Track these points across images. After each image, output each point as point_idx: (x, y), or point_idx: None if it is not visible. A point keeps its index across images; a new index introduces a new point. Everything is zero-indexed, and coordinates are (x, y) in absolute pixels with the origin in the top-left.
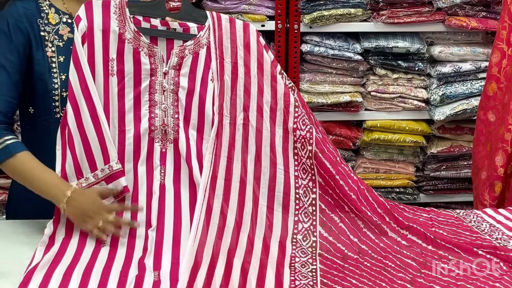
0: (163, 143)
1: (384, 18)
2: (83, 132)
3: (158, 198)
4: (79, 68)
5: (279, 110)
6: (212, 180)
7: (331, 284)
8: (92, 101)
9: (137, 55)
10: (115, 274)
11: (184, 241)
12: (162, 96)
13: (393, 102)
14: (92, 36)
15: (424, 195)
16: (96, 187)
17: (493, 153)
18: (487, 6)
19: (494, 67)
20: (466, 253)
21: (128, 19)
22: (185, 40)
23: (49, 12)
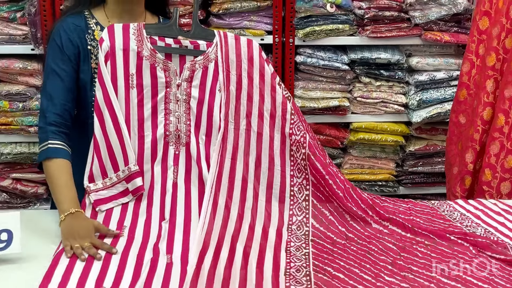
0: (176, 146)
1: (368, 33)
2: (107, 140)
3: (171, 194)
4: (103, 85)
5: (278, 117)
6: (218, 179)
7: (322, 266)
8: (114, 113)
9: (153, 70)
10: (132, 257)
11: (193, 230)
12: (176, 105)
13: (376, 106)
14: (114, 55)
15: (403, 188)
16: (97, 223)
17: (463, 151)
18: (458, 23)
19: (465, 76)
20: (440, 239)
21: (145, 39)
22: (196, 55)
23: (95, 29)
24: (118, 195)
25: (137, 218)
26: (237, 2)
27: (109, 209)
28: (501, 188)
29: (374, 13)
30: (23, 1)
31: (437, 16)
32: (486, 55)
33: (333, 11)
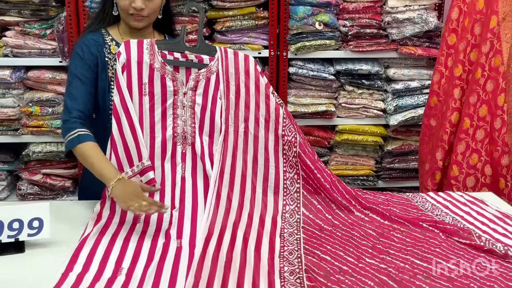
0: (183, 145)
1: (351, 47)
2: (123, 139)
3: (180, 187)
4: (120, 91)
5: (271, 121)
6: (220, 174)
7: (311, 249)
8: (130, 116)
9: (163, 80)
10: (147, 242)
11: (200, 218)
12: (183, 110)
13: (358, 111)
14: (130, 66)
15: (382, 182)
16: (140, 183)
17: (434, 150)
18: (429, 38)
19: (435, 85)
20: (414, 226)
21: (156, 53)
22: (200, 68)
23: (111, 44)
24: None
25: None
26: (238, 21)
27: None
28: (467, 182)
29: (356, 30)
30: (52, 20)
31: (411, 33)
32: (454, 67)
33: (321, 29)
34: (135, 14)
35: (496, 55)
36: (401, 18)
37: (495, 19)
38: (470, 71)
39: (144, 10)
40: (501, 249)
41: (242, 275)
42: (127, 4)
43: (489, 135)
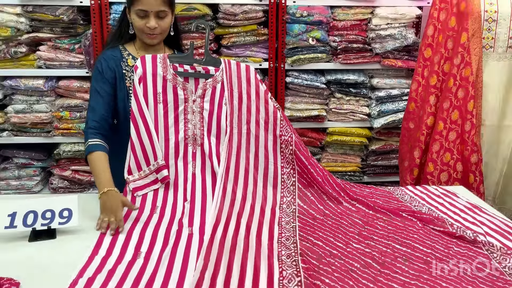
0: (193, 146)
1: (340, 60)
2: (141, 141)
3: (191, 182)
4: (137, 100)
5: (270, 122)
6: (226, 170)
7: (305, 236)
8: (146, 121)
9: (175, 89)
10: (162, 229)
11: (208, 209)
12: (192, 115)
13: (346, 115)
14: (145, 78)
15: (367, 177)
16: (124, 199)
17: (412, 149)
18: (408, 52)
19: (413, 92)
20: (394, 215)
21: (168, 66)
22: (207, 78)
23: (128, 58)
24: (151, 183)
25: (166, 200)
26: (241, 37)
27: (144, 194)
28: (441, 177)
29: (344, 45)
30: (79, 36)
31: (392, 47)
32: (430, 77)
33: (313, 44)
34: (149, 32)
35: (466, 67)
36: (384, 35)
37: (465, 35)
38: (443, 81)
39: (157, 29)
40: (470, 235)
41: (245, 258)
42: (142, 24)
43: (460, 136)
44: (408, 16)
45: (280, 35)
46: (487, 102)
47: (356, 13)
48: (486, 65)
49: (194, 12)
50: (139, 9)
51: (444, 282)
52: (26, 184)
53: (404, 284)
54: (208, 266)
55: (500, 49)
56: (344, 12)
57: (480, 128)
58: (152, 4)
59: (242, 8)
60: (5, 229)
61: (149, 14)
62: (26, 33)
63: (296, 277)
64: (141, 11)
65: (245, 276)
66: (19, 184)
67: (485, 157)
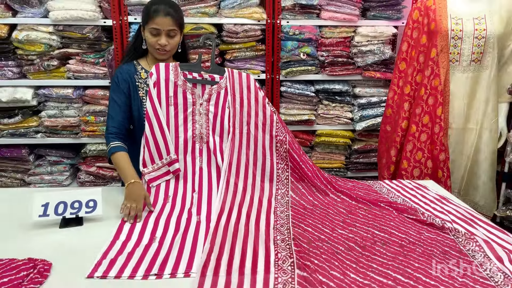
0: (200, 144)
1: (327, 72)
2: (154, 138)
3: (198, 175)
4: (152, 102)
5: (267, 124)
6: (229, 165)
7: (297, 223)
8: (160, 120)
9: (185, 94)
10: (174, 217)
11: (214, 199)
12: (199, 117)
13: (332, 119)
14: (159, 83)
15: (350, 173)
16: (147, 195)
17: (389, 149)
18: (386, 65)
19: (390, 100)
20: (373, 205)
21: (179, 73)
22: (212, 84)
23: (141, 72)
24: (163, 174)
25: (177, 191)
26: (242, 52)
27: (158, 185)
28: (414, 172)
29: (331, 59)
30: (103, 51)
31: (372, 61)
32: (404, 86)
33: (304, 58)
34: (160, 49)
35: (436, 78)
36: (365, 50)
37: (435, 51)
38: (416, 90)
39: (167, 46)
40: (439, 223)
41: (245, 242)
42: (154, 41)
43: (430, 138)
44: (386, 34)
45: (275, 50)
46: (453, 108)
47: (341, 31)
48: (453, 76)
49: (202, 30)
50: (153, 28)
51: (417, 262)
52: (57, 178)
53: (382, 264)
54: (213, 249)
55: (465, 63)
56: (330, 31)
57: (448, 130)
58: (164, 24)
59: (243, 27)
60: (39, 217)
61: (161, 32)
62: (57, 49)
63: (289, 258)
64: (154, 29)
65: (246, 257)
66: (51, 179)
67: (451, 156)
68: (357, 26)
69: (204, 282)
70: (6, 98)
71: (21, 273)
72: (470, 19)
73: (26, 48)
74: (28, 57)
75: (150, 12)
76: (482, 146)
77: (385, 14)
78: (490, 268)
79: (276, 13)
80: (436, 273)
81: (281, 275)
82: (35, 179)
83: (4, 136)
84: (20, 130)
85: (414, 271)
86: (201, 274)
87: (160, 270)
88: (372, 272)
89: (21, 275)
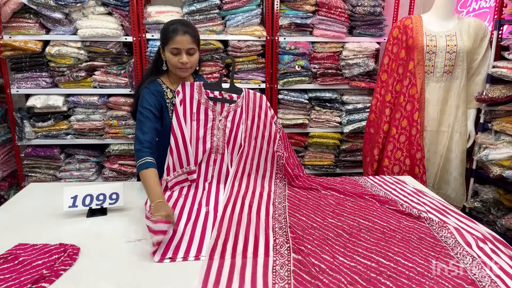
0: (216, 154)
1: (319, 82)
2: (178, 149)
3: (209, 182)
4: (177, 117)
5: (271, 141)
6: (235, 171)
7: (293, 213)
8: (183, 134)
9: (206, 111)
10: (187, 208)
11: (221, 194)
12: (217, 131)
13: (323, 123)
14: (185, 101)
15: (339, 169)
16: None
17: (372, 149)
18: (369, 76)
19: (373, 106)
20: (359, 198)
21: (203, 92)
22: (230, 103)
23: (167, 91)
24: (182, 181)
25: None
26: (245, 64)
27: (179, 189)
28: (394, 169)
29: (322, 71)
30: (125, 64)
31: (358, 73)
32: (385, 95)
33: (299, 70)
34: (182, 67)
35: (413, 87)
36: (351, 63)
37: (412, 63)
38: (396, 97)
39: (188, 64)
40: (416, 213)
41: (248, 230)
42: (176, 60)
43: (408, 139)
44: (370, 49)
45: (274, 63)
46: (428, 113)
47: (331, 47)
48: (428, 86)
49: (210, 46)
50: (173, 48)
51: (396, 247)
52: (84, 174)
53: (366, 249)
54: (220, 235)
55: (438, 74)
56: (321, 46)
57: (423, 132)
58: (184, 43)
59: (245, 43)
60: (69, 208)
61: (181, 51)
62: (84, 62)
63: (286, 244)
64: (175, 49)
65: (248, 242)
66: (80, 174)
67: (427, 154)
68: (345, 42)
69: (212, 264)
70: (40, 105)
71: (53, 256)
72: (443, 36)
73: (57, 61)
74: (60, 69)
75: (169, 32)
76: (453, 146)
77: (369, 32)
78: (460, 252)
79: (275, 31)
80: (414, 256)
81: (279, 258)
82: (65, 175)
83: (38, 138)
84: (52, 132)
85: (394, 255)
86: (210, 257)
87: (174, 254)
88: (357, 255)
89: (53, 258)
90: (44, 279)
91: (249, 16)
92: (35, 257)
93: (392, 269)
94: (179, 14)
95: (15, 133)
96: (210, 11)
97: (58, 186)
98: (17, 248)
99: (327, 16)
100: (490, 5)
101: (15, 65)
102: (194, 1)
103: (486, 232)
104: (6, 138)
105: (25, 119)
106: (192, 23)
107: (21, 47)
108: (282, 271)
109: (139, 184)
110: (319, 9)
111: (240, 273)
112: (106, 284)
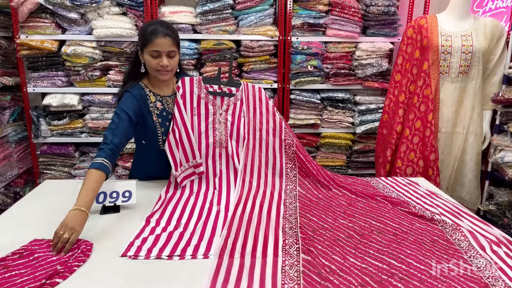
0: (219, 148)
1: (331, 82)
2: (182, 143)
3: (219, 177)
4: (180, 112)
5: (277, 130)
6: (244, 166)
7: (303, 213)
8: (186, 128)
9: (206, 105)
10: (198, 207)
11: (231, 193)
12: (219, 125)
13: (336, 123)
14: (185, 96)
15: (351, 170)
16: (78, 236)
17: (385, 150)
18: (383, 76)
19: (386, 107)
20: (371, 199)
21: (202, 86)
22: (230, 96)
23: (150, 95)
24: (189, 175)
25: (200, 188)
26: (257, 64)
27: (189, 185)
28: (407, 171)
29: (335, 71)
30: None
31: (371, 73)
32: (399, 95)
33: (311, 70)
34: (162, 69)
35: (427, 88)
36: (364, 63)
37: (427, 64)
38: (410, 98)
39: (168, 66)
40: (429, 215)
41: (258, 229)
42: (156, 63)
43: (422, 140)
44: (383, 49)
45: (286, 63)
46: (442, 114)
47: (344, 47)
48: (442, 86)
49: (223, 46)
50: (153, 50)
51: (408, 249)
52: None
53: (377, 250)
54: (230, 234)
55: (453, 74)
56: (334, 46)
57: (437, 134)
58: (164, 46)
59: (258, 43)
60: None
61: (161, 54)
62: (99, 61)
63: (296, 244)
64: (155, 51)
65: (257, 242)
66: None
67: (441, 156)
68: (358, 42)
69: (222, 263)
70: (56, 103)
71: (67, 253)
72: (458, 36)
73: (73, 60)
74: (75, 68)
75: (147, 34)
76: (468, 148)
77: (382, 32)
78: (474, 255)
79: (287, 31)
80: (426, 259)
81: (288, 259)
82: (79, 172)
83: (54, 136)
84: (67, 131)
85: (406, 257)
86: (219, 256)
87: (182, 252)
88: (369, 257)
89: (67, 254)
90: (58, 275)
91: (262, 16)
92: (50, 253)
93: (404, 271)
94: (192, 14)
95: (31, 131)
96: (223, 11)
97: (73, 183)
98: (32, 244)
99: (340, 16)
100: (507, 5)
101: (32, 64)
102: (208, 1)
103: (501, 235)
104: (22, 136)
105: (41, 117)
106: (203, 22)
107: (37, 46)
108: (291, 271)
109: (151, 183)
110: (332, 9)
111: (249, 273)
112: (117, 279)
